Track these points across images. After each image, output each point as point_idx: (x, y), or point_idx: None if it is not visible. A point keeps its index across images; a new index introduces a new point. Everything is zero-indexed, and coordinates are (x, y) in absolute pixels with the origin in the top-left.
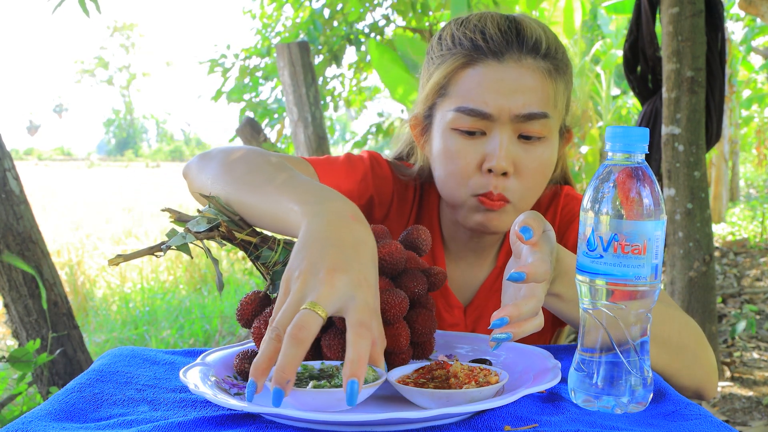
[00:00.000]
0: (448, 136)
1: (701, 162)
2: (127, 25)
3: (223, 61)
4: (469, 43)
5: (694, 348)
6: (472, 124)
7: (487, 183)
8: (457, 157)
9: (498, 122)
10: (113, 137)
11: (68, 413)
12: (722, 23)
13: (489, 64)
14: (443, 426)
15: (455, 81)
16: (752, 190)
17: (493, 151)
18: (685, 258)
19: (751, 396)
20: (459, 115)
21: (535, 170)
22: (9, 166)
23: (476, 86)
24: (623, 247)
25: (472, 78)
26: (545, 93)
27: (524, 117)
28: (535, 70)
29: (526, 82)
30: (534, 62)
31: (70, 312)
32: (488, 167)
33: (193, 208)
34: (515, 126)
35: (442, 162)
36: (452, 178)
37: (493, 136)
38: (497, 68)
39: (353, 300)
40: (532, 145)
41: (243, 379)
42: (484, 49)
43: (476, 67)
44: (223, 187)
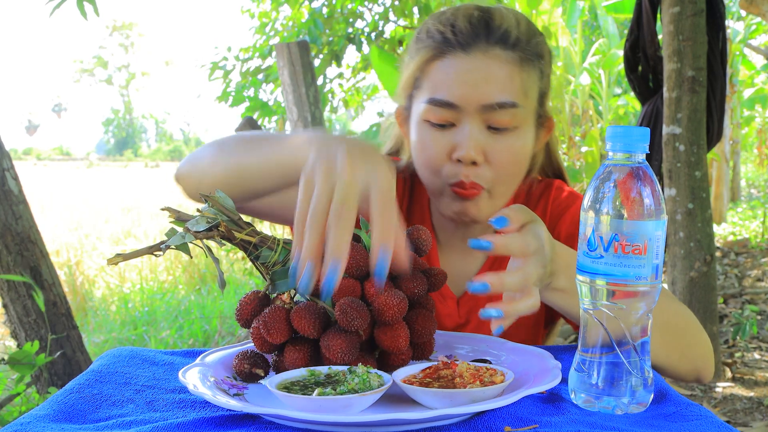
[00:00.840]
0: (421, 127)
1: (702, 162)
2: (127, 25)
3: (224, 63)
4: (440, 36)
5: (692, 331)
6: (441, 116)
7: (458, 172)
8: (428, 147)
9: (466, 113)
10: (112, 137)
11: (67, 414)
12: (723, 23)
13: (457, 55)
14: (443, 426)
15: (426, 74)
16: (753, 189)
17: (461, 142)
18: (686, 258)
19: (752, 396)
20: (429, 107)
21: (506, 160)
22: (8, 166)
23: (444, 78)
24: (624, 247)
25: (440, 70)
26: (514, 83)
27: (492, 107)
28: (503, 60)
29: (493, 72)
30: (503, 52)
31: (69, 312)
32: (457, 157)
33: (193, 208)
34: (484, 116)
35: (416, 153)
36: (426, 169)
37: (462, 127)
38: (464, 60)
39: (375, 177)
40: (503, 135)
41: (242, 379)
42: (453, 42)
43: (444, 60)
44: (222, 163)
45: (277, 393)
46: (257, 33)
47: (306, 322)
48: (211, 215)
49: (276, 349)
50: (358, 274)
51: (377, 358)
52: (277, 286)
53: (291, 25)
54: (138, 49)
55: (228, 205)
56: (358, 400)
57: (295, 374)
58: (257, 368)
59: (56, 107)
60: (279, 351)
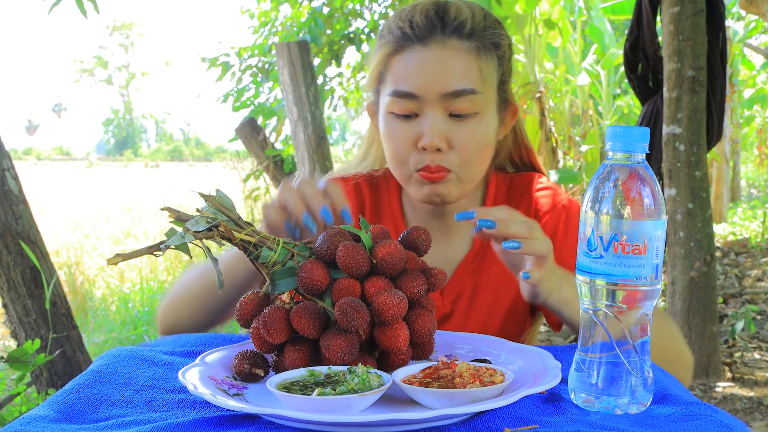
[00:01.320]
0: (387, 119)
1: (702, 162)
2: (126, 25)
3: (225, 59)
4: (399, 31)
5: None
6: (404, 107)
7: (424, 159)
8: (394, 138)
9: (427, 102)
10: (112, 137)
11: (67, 414)
12: (723, 22)
13: (415, 49)
14: (443, 426)
15: (388, 68)
16: (753, 189)
17: (424, 131)
18: (686, 258)
19: (752, 396)
20: (392, 99)
21: (470, 145)
22: (8, 166)
23: (404, 71)
24: (623, 247)
25: (400, 63)
26: (472, 70)
27: (451, 95)
28: (459, 50)
29: (450, 62)
30: (459, 42)
31: (69, 312)
32: (421, 145)
33: (193, 208)
34: (445, 105)
35: (385, 144)
36: (394, 159)
37: (424, 117)
38: (422, 52)
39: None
40: (464, 121)
41: (242, 379)
42: (411, 36)
43: (404, 53)
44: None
45: (276, 393)
46: (256, 32)
47: (306, 322)
48: (211, 215)
49: (276, 349)
50: (358, 274)
51: (377, 358)
52: (277, 286)
53: (291, 25)
54: (138, 49)
55: (228, 205)
56: (358, 400)
57: (294, 374)
58: (257, 368)
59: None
60: (279, 351)
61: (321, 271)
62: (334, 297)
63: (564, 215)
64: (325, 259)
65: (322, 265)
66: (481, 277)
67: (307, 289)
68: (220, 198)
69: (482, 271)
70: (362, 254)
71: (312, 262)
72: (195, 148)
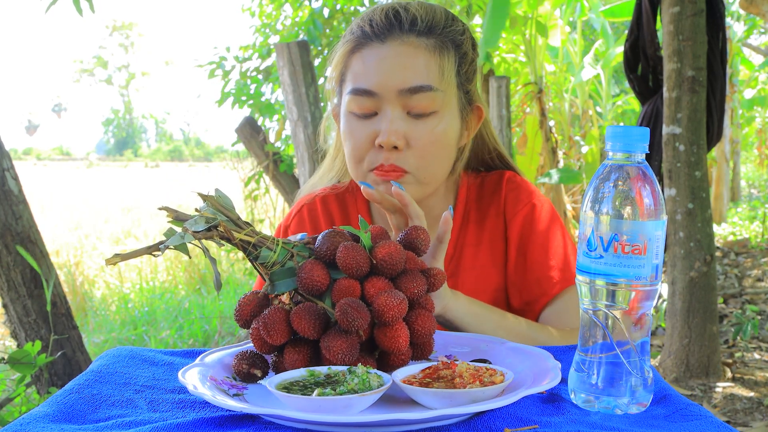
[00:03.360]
0: (346, 118)
1: (702, 162)
2: (126, 25)
3: (223, 63)
4: (359, 30)
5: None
6: (363, 105)
7: (379, 158)
8: (352, 136)
9: (385, 100)
10: (112, 137)
11: (67, 414)
12: (723, 22)
13: (373, 46)
14: (443, 426)
15: (348, 67)
16: (753, 190)
17: (382, 127)
18: (686, 258)
19: (752, 396)
20: (351, 97)
21: (428, 144)
22: (8, 166)
23: (362, 68)
24: (623, 247)
25: (359, 61)
26: (430, 68)
27: (409, 91)
28: (418, 47)
29: (408, 58)
30: (417, 40)
31: (69, 312)
32: (378, 142)
33: (192, 208)
34: (403, 102)
35: (344, 143)
36: (351, 157)
37: (383, 114)
38: (380, 48)
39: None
40: (423, 120)
41: (241, 379)
42: (369, 34)
43: (363, 51)
44: None
45: (276, 393)
46: (257, 32)
47: (306, 322)
48: (210, 215)
49: (275, 350)
50: (358, 274)
51: (377, 359)
52: (277, 286)
53: (291, 25)
54: (138, 49)
55: (227, 205)
56: (358, 400)
57: (294, 374)
58: (255, 368)
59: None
60: (279, 352)
61: (321, 271)
62: (334, 297)
63: (529, 213)
64: (325, 260)
65: (322, 266)
66: (459, 281)
67: (307, 289)
68: (220, 198)
69: (458, 275)
70: (362, 254)
71: (312, 262)
72: (195, 149)
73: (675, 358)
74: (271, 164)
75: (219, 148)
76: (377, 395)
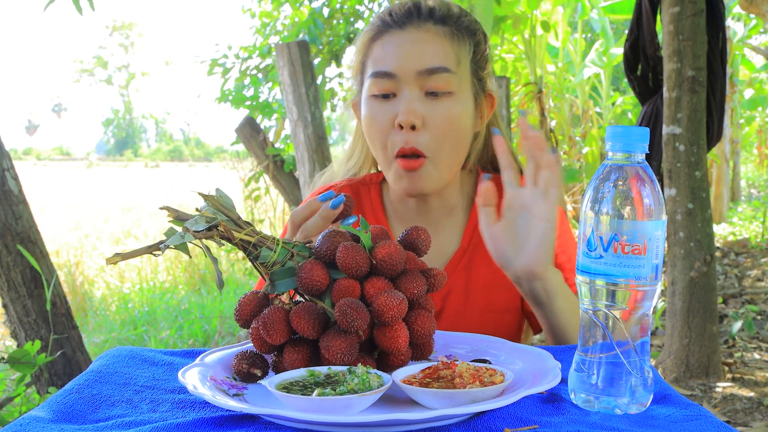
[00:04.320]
0: (368, 102)
1: (702, 162)
2: (126, 25)
3: (224, 61)
4: (378, 21)
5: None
6: (382, 87)
7: (400, 138)
8: (374, 119)
9: (404, 81)
10: (112, 137)
11: (67, 414)
12: (723, 22)
13: (393, 33)
14: (443, 427)
15: (369, 54)
16: (753, 190)
17: (400, 108)
18: (686, 258)
19: (752, 396)
20: (372, 80)
21: (444, 124)
22: (8, 166)
23: (383, 53)
24: (623, 247)
25: (380, 47)
26: (447, 51)
27: (427, 72)
28: (435, 32)
29: (426, 42)
30: (434, 27)
31: (69, 312)
32: (398, 122)
33: (193, 208)
34: (420, 83)
35: (366, 128)
36: (375, 141)
37: (401, 95)
38: (400, 35)
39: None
40: (440, 100)
41: (241, 379)
42: (389, 23)
43: (383, 38)
44: None
45: (276, 393)
46: (257, 33)
47: (305, 322)
48: (211, 215)
49: (275, 350)
50: (358, 274)
51: (377, 359)
52: (277, 286)
53: (291, 25)
54: (138, 49)
55: (227, 205)
56: (358, 400)
57: (294, 374)
58: (255, 368)
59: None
60: (278, 351)
61: (321, 271)
62: (334, 297)
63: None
64: (325, 260)
65: (322, 266)
66: (472, 275)
67: (307, 289)
68: (220, 198)
69: (473, 268)
70: (362, 255)
71: (312, 262)
72: (195, 148)
73: (675, 358)
74: (271, 164)
75: (219, 148)
76: (377, 395)
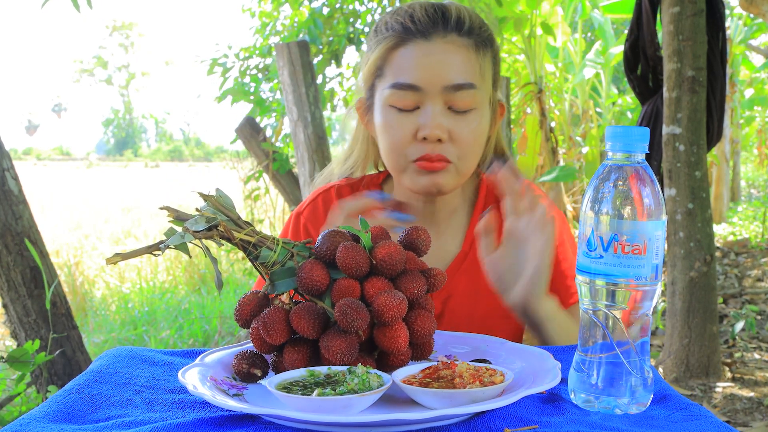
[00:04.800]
0: (386, 112)
1: (702, 162)
2: (126, 25)
3: (224, 61)
4: (399, 26)
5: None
6: (405, 99)
7: (423, 149)
8: (394, 129)
9: (429, 95)
10: (112, 137)
11: (66, 414)
12: (723, 22)
13: (418, 43)
14: (443, 427)
15: (389, 61)
16: (753, 190)
17: (425, 121)
18: (686, 258)
19: (752, 396)
20: (393, 91)
21: (469, 138)
22: (8, 166)
23: (407, 63)
24: (623, 247)
25: (403, 56)
26: (472, 66)
27: (453, 88)
28: (460, 45)
29: (452, 56)
30: (459, 38)
31: (69, 312)
32: (422, 135)
33: (193, 208)
34: (445, 98)
35: (382, 136)
36: (392, 150)
37: (425, 109)
38: (425, 46)
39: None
40: (464, 116)
41: (241, 379)
42: (413, 30)
43: (407, 47)
44: None
45: (276, 393)
46: (257, 33)
47: (305, 322)
48: (211, 215)
49: (275, 350)
50: (358, 274)
51: (376, 359)
52: (277, 286)
53: (290, 25)
54: (138, 49)
55: (227, 205)
56: (358, 400)
57: (294, 374)
58: (255, 368)
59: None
60: (278, 351)
61: (321, 271)
62: (334, 297)
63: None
64: (325, 260)
65: (322, 266)
66: (473, 278)
67: (307, 289)
68: (220, 197)
69: (474, 272)
70: (362, 255)
71: (312, 262)
72: (195, 148)
73: (675, 358)
74: (271, 164)
75: (219, 148)
76: (377, 395)
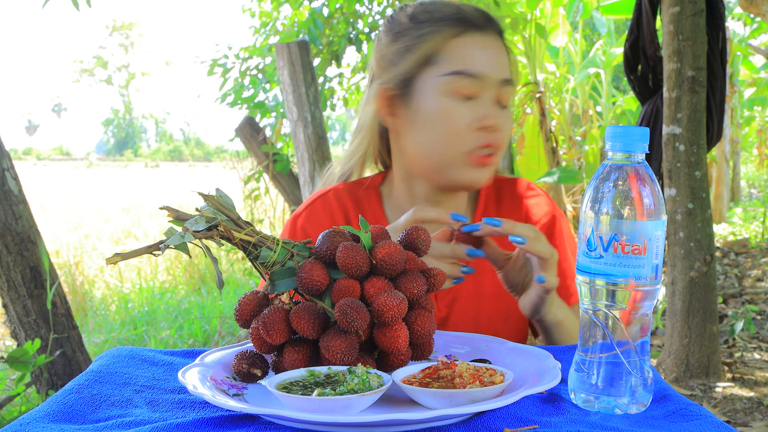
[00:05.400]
0: (444, 99)
1: (702, 162)
2: (126, 25)
3: (224, 61)
4: (454, 16)
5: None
6: (467, 87)
7: (484, 137)
8: (452, 117)
9: (488, 86)
10: (112, 137)
11: (66, 414)
12: (723, 22)
13: (476, 35)
14: (443, 427)
15: (446, 49)
16: (753, 190)
17: (489, 112)
18: (686, 258)
19: (752, 396)
20: (454, 78)
21: (508, 132)
22: (8, 166)
23: (469, 52)
24: (623, 247)
25: (465, 45)
26: (511, 64)
27: (505, 82)
28: (503, 44)
29: (502, 51)
30: (500, 38)
31: (69, 312)
32: (488, 124)
33: (192, 208)
34: (498, 91)
35: (434, 124)
36: (446, 138)
37: (484, 99)
38: (483, 38)
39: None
40: (505, 110)
41: (241, 379)
42: (469, 20)
43: (466, 37)
44: None
45: (276, 393)
46: (257, 33)
47: (305, 322)
48: (211, 215)
49: (275, 350)
50: (358, 274)
51: (376, 359)
52: (277, 286)
53: (290, 25)
54: (138, 49)
55: (227, 205)
56: (358, 400)
57: (294, 374)
58: (255, 368)
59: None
60: (278, 351)
61: (321, 271)
62: (334, 297)
63: (551, 223)
64: (325, 260)
65: (322, 266)
66: (478, 281)
67: (307, 289)
68: (220, 197)
69: (478, 275)
70: (362, 255)
71: (312, 262)
72: (195, 148)
73: (675, 358)
74: (271, 164)
75: (219, 148)
76: (377, 395)
